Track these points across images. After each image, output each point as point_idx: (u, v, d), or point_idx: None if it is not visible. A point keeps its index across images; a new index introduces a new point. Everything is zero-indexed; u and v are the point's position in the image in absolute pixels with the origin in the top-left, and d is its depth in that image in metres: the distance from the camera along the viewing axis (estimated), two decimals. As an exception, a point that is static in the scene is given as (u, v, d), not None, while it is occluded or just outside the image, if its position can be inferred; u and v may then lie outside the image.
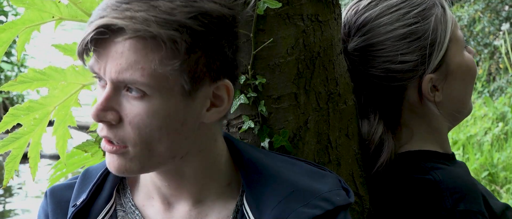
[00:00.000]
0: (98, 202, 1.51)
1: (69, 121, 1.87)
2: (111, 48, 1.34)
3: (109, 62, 1.35)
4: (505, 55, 8.39)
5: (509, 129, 7.08)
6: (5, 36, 1.81)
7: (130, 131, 1.36)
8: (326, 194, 1.44)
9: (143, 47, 1.33)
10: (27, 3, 1.78)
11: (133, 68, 1.33)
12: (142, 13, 1.32)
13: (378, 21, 1.79)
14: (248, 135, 1.63)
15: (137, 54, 1.33)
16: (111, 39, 1.34)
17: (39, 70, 1.81)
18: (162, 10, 1.33)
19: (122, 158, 1.39)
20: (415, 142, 1.82)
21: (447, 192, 1.67)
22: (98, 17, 1.35)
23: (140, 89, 1.35)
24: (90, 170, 1.56)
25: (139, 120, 1.36)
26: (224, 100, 1.42)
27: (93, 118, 1.36)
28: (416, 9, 1.78)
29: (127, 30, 1.32)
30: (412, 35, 1.77)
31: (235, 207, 1.47)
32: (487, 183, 6.38)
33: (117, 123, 1.37)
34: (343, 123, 1.71)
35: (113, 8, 1.34)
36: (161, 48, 1.33)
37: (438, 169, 1.73)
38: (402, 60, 1.77)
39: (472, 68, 1.84)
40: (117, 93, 1.36)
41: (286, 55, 1.63)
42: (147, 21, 1.32)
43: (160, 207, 1.49)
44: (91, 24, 1.35)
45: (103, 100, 1.36)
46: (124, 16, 1.33)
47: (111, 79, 1.35)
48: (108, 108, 1.36)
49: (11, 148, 1.83)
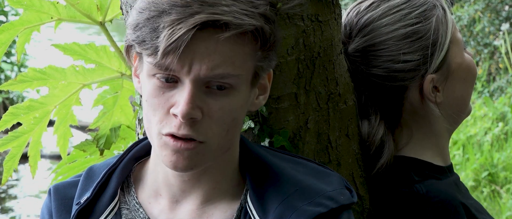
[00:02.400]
0: (103, 200, 1.50)
1: (70, 119, 1.88)
2: (200, 45, 1.32)
3: (196, 60, 1.33)
4: (505, 55, 8.39)
5: (509, 129, 7.08)
6: (5, 37, 1.81)
7: (213, 125, 1.37)
8: (331, 193, 1.44)
9: (239, 41, 1.33)
10: (26, 4, 1.78)
11: (226, 63, 1.33)
12: (233, 7, 1.31)
13: (380, 22, 1.79)
14: (248, 135, 1.63)
15: (232, 49, 1.33)
16: (201, 36, 1.32)
17: (39, 70, 1.81)
18: (244, 2, 1.33)
19: (195, 154, 1.38)
20: (414, 145, 1.82)
21: (429, 208, 1.68)
22: (188, 14, 1.31)
23: (228, 83, 1.35)
24: (94, 168, 1.56)
25: (223, 113, 1.36)
26: (267, 87, 1.46)
27: (184, 116, 1.34)
28: (417, 10, 1.78)
29: (231, 25, 1.31)
30: (414, 35, 1.77)
31: (239, 205, 1.46)
32: (487, 183, 6.38)
33: (200, 119, 1.36)
34: (343, 123, 1.71)
35: (199, 3, 1.31)
36: (256, 40, 1.34)
37: (425, 181, 1.73)
38: (404, 60, 1.77)
39: (473, 69, 1.84)
40: (199, 89, 1.35)
41: (286, 55, 1.63)
42: (246, 16, 1.32)
43: (166, 205, 1.49)
44: (183, 22, 1.30)
45: (191, 98, 1.34)
46: (222, 11, 1.31)
47: (199, 76, 1.33)
48: (195, 106, 1.35)
49: (10, 147, 1.83)
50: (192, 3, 1.31)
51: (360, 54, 1.79)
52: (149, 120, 1.40)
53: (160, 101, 1.37)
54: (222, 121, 1.37)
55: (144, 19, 1.34)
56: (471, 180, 6.44)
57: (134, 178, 1.54)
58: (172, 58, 1.32)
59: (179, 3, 1.32)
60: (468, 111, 1.87)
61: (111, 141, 1.89)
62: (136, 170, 1.55)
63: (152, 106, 1.38)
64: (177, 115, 1.34)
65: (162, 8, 1.32)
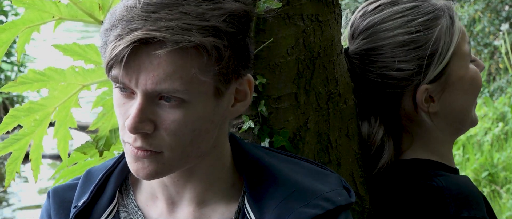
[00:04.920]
0: (101, 203, 1.50)
1: (69, 122, 1.87)
2: (144, 60, 1.32)
3: (142, 74, 1.32)
4: (505, 55, 8.38)
5: (509, 129, 7.08)
6: (5, 37, 1.81)
7: (166, 137, 1.36)
8: (328, 194, 1.44)
9: (182, 56, 1.31)
10: (27, 3, 1.78)
11: (171, 78, 1.32)
12: (177, 22, 1.30)
13: (381, 26, 1.77)
14: (248, 135, 1.63)
15: (176, 64, 1.32)
16: (145, 51, 1.31)
17: (39, 71, 1.81)
18: (194, 16, 1.31)
19: (154, 162, 1.38)
20: (418, 149, 1.81)
21: (451, 199, 1.67)
22: (129, 30, 1.31)
23: (178, 97, 1.34)
24: (92, 171, 1.56)
25: (176, 126, 1.35)
26: (247, 94, 1.43)
27: (131, 131, 1.34)
28: (421, 18, 1.76)
29: (167, 42, 1.29)
30: (412, 43, 1.75)
31: (237, 208, 1.46)
32: (487, 183, 6.38)
33: (152, 132, 1.36)
34: (343, 123, 1.71)
35: (141, 18, 1.31)
36: (202, 55, 1.32)
37: (442, 176, 1.72)
38: (398, 68, 1.75)
39: (476, 82, 1.81)
40: (150, 103, 1.35)
41: (286, 55, 1.63)
42: (187, 31, 1.30)
43: (164, 208, 1.49)
44: (123, 38, 1.31)
45: (138, 112, 1.34)
46: (160, 27, 1.30)
47: (146, 90, 1.33)
48: (144, 119, 1.34)
49: (12, 150, 1.83)
50: (136, 18, 1.31)
51: (359, 56, 1.79)
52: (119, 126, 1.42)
53: (121, 111, 1.38)
54: (179, 132, 1.36)
55: (103, 30, 1.36)
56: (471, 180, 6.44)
57: (132, 181, 1.54)
58: (117, 72, 1.33)
59: (126, 17, 1.32)
60: (471, 121, 1.84)
61: (110, 142, 1.88)
62: None
63: (117, 115, 1.40)
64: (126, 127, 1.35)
65: (113, 22, 1.33)
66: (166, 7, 1.31)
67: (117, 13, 1.33)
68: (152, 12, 1.31)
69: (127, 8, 1.32)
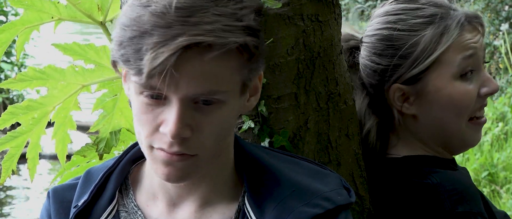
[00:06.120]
0: (101, 203, 1.50)
1: (68, 124, 1.87)
2: (185, 65, 1.29)
3: (184, 79, 1.30)
4: (505, 55, 8.38)
5: (509, 129, 7.08)
6: (5, 37, 1.81)
7: (203, 139, 1.35)
8: (328, 193, 1.44)
9: (225, 58, 1.30)
10: (26, 4, 1.78)
11: (213, 80, 1.31)
12: (216, 25, 1.28)
13: (378, 19, 1.82)
14: (248, 135, 1.63)
15: (219, 66, 1.31)
16: (187, 56, 1.28)
17: (39, 69, 1.81)
18: (228, 17, 1.30)
19: (187, 165, 1.37)
20: (404, 145, 1.82)
21: (445, 195, 1.67)
22: (170, 36, 1.27)
23: (217, 98, 1.33)
24: (92, 171, 1.55)
25: (214, 127, 1.35)
26: (258, 88, 1.44)
27: (174, 137, 1.32)
28: (413, 19, 1.77)
29: (214, 45, 1.28)
30: (389, 40, 1.77)
31: (237, 207, 1.46)
32: (487, 183, 6.38)
33: (190, 136, 1.34)
34: (343, 123, 1.71)
35: (180, 23, 1.27)
36: (241, 55, 1.32)
37: (436, 173, 1.72)
38: (373, 60, 1.79)
39: (456, 101, 1.75)
40: (187, 107, 1.33)
41: (286, 55, 1.63)
42: (229, 33, 1.28)
43: (164, 208, 1.49)
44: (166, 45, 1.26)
45: (180, 118, 1.32)
46: (204, 31, 1.27)
47: (187, 95, 1.31)
48: (184, 125, 1.33)
49: (8, 147, 1.83)
50: (174, 24, 1.27)
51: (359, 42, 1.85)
52: (139, 132, 1.39)
53: (149, 118, 1.35)
54: (213, 134, 1.36)
55: (128, 38, 1.31)
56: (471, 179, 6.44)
57: (132, 180, 1.54)
58: (157, 80, 1.29)
59: (161, 23, 1.28)
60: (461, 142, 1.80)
61: (111, 144, 1.88)
62: (133, 172, 1.55)
63: (141, 122, 1.37)
64: (167, 134, 1.33)
65: (144, 29, 1.29)
66: (199, 10, 1.28)
67: (145, 19, 1.29)
68: (188, 17, 1.28)
69: (159, 14, 1.28)
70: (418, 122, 1.79)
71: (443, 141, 1.80)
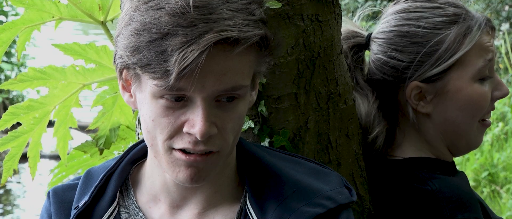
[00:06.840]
0: (101, 204, 1.49)
1: (69, 121, 1.87)
2: (210, 62, 1.28)
3: (210, 77, 1.29)
4: (505, 55, 8.39)
5: (509, 129, 7.08)
6: (5, 36, 1.81)
7: (226, 136, 1.36)
8: (329, 193, 1.44)
9: (246, 52, 1.32)
10: (27, 3, 1.78)
11: (237, 76, 1.32)
12: (236, 20, 1.29)
13: (401, 15, 1.79)
14: (248, 135, 1.63)
15: (243, 60, 1.32)
16: (212, 53, 1.27)
17: (39, 69, 1.81)
18: (243, 12, 1.30)
19: (208, 164, 1.37)
20: (409, 146, 1.81)
21: (444, 202, 1.67)
22: (198, 34, 1.26)
23: (238, 93, 1.33)
24: (92, 171, 1.55)
25: (234, 123, 1.36)
26: (257, 82, 1.45)
27: (203, 136, 1.32)
28: (436, 18, 1.76)
29: (240, 40, 1.28)
30: (413, 37, 1.75)
31: (239, 208, 1.46)
32: (487, 183, 6.38)
33: (216, 133, 1.35)
34: (343, 123, 1.71)
35: (204, 21, 1.27)
36: (260, 48, 1.34)
37: (436, 179, 1.72)
38: (393, 56, 1.76)
39: (474, 103, 1.76)
40: (209, 105, 1.33)
41: (286, 55, 1.63)
42: (249, 27, 1.29)
43: (166, 210, 1.48)
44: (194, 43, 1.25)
45: (206, 117, 1.32)
46: (228, 27, 1.27)
47: (212, 93, 1.31)
48: (211, 123, 1.33)
49: (10, 147, 1.83)
50: (197, 22, 1.27)
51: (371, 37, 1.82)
52: (154, 136, 1.37)
53: (170, 120, 1.34)
54: (234, 129, 1.37)
55: (146, 42, 1.29)
56: (471, 180, 6.44)
57: (132, 181, 1.53)
58: (185, 80, 1.28)
59: (183, 23, 1.27)
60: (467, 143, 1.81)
61: (110, 141, 1.88)
62: (134, 173, 1.54)
63: (160, 126, 1.35)
64: (195, 134, 1.32)
65: (165, 30, 1.27)
66: (216, 8, 1.28)
67: (164, 21, 1.28)
68: (208, 14, 1.27)
69: (178, 14, 1.27)
70: (430, 120, 1.78)
71: (450, 141, 1.80)
